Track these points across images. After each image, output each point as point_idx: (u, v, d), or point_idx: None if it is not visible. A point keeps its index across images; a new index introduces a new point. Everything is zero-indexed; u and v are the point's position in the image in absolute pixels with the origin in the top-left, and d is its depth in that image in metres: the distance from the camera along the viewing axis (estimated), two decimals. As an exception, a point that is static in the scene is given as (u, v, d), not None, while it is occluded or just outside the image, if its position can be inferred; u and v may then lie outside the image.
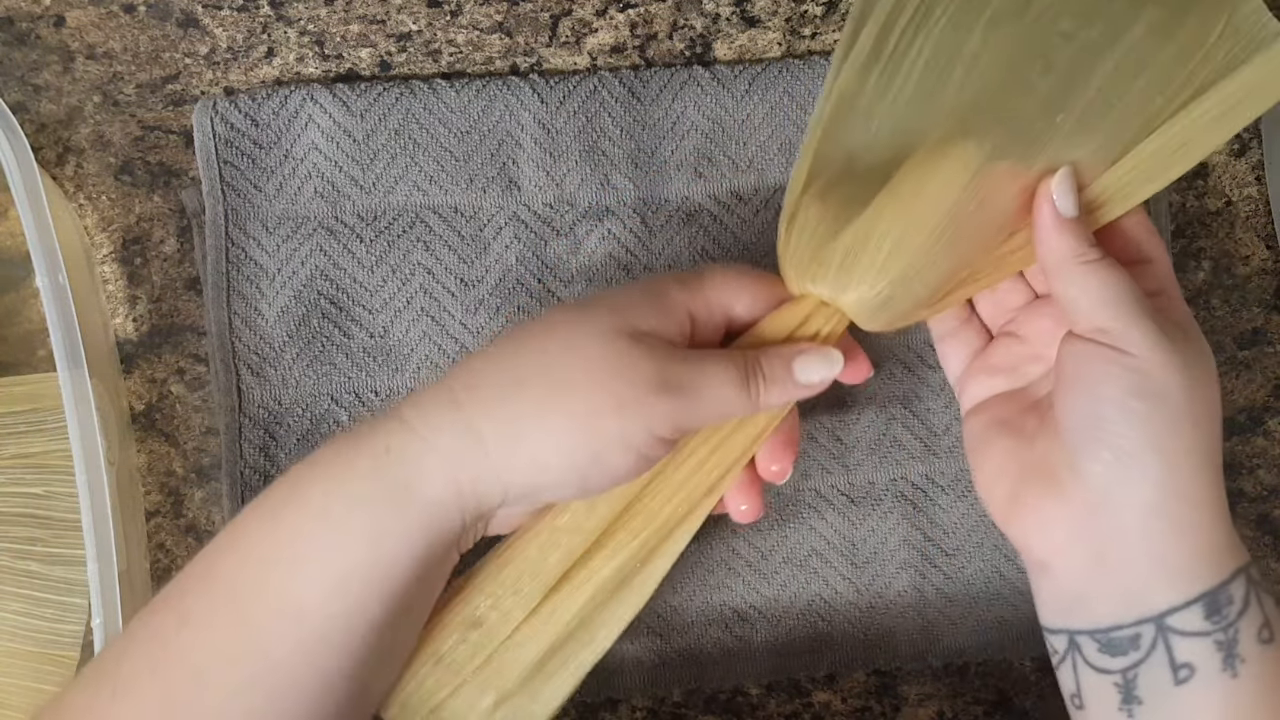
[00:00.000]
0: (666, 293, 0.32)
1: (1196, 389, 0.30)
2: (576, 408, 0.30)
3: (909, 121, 0.34)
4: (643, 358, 0.30)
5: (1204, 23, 0.34)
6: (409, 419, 0.30)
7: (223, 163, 0.41)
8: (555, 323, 0.32)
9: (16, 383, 0.41)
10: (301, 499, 0.30)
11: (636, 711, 0.43)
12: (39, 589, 0.40)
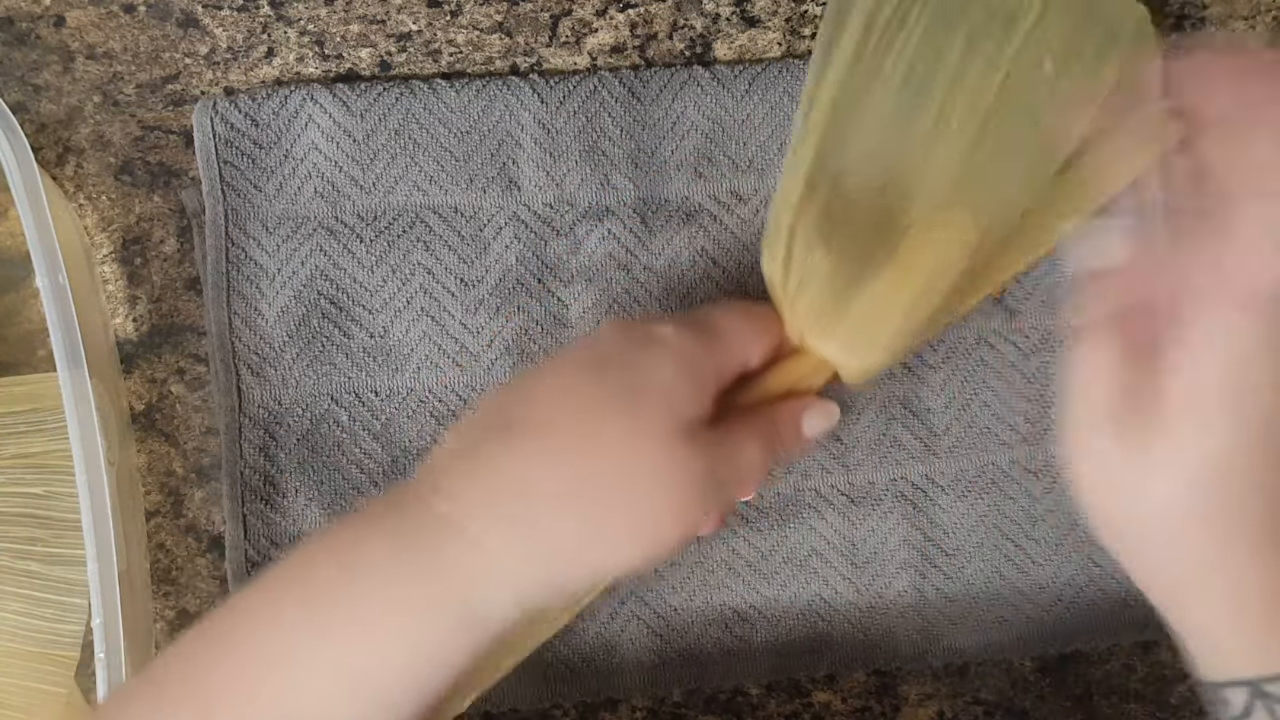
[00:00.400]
0: (701, 369, 0.31)
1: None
2: (642, 520, 0.30)
3: (897, 136, 0.34)
4: (697, 457, 0.30)
5: None
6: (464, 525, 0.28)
7: (223, 163, 0.41)
8: (610, 413, 0.30)
9: (16, 383, 0.41)
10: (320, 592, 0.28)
11: (636, 711, 0.43)
12: (39, 589, 0.40)
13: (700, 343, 0.32)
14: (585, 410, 0.30)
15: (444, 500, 0.29)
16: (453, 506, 0.28)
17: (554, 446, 0.29)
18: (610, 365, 0.31)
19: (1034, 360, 0.43)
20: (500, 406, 0.31)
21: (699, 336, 0.32)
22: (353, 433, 0.41)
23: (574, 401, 0.30)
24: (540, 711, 0.43)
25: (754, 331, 0.34)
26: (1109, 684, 0.45)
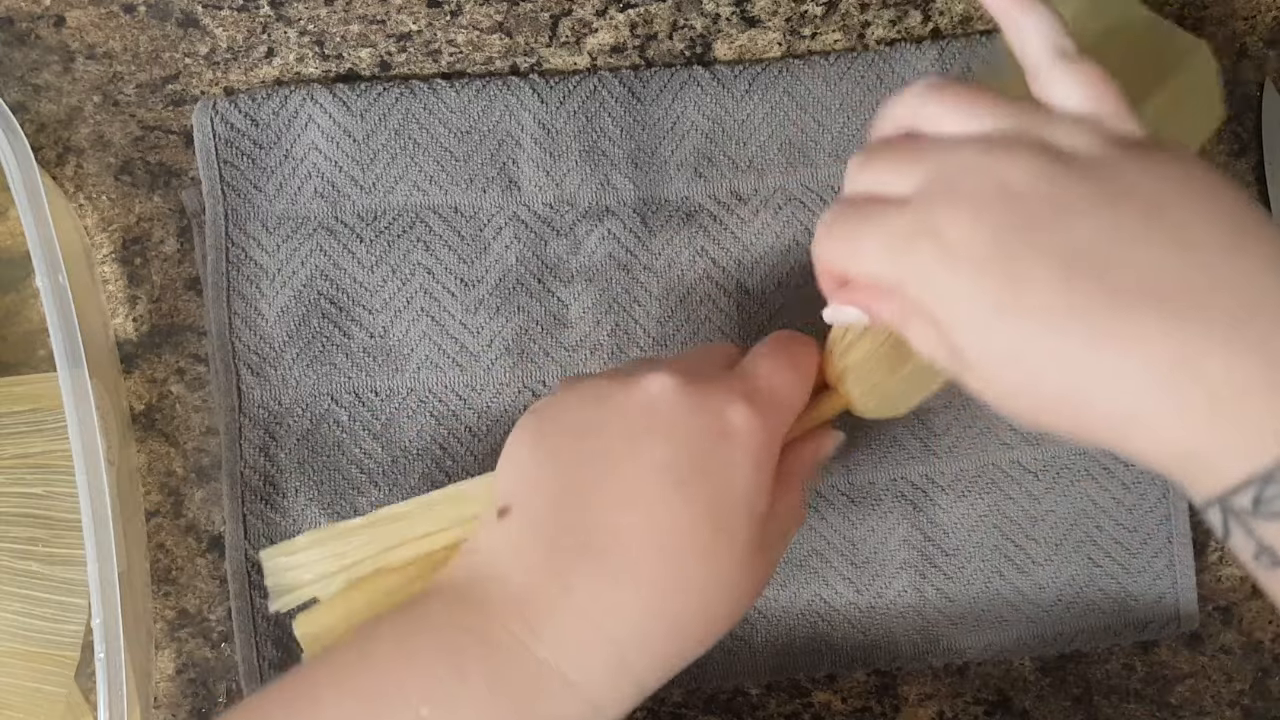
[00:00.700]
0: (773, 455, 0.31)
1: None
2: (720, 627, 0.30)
3: None
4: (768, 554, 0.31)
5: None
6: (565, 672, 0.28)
7: (223, 163, 0.41)
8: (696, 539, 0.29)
9: (16, 383, 0.41)
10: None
11: (637, 711, 0.43)
12: (39, 589, 0.40)
13: (769, 424, 0.30)
14: (671, 537, 0.29)
15: (544, 645, 0.28)
16: (553, 653, 0.28)
17: (644, 580, 0.29)
18: (691, 477, 0.29)
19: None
20: (574, 507, 0.29)
21: (767, 416, 0.30)
22: (353, 433, 0.41)
23: (660, 525, 0.29)
24: (540, 711, 0.43)
25: (806, 382, 0.33)
26: (1109, 684, 0.45)
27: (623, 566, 0.29)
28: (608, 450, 0.30)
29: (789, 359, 0.32)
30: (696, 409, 0.30)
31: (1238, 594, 0.45)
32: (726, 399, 0.30)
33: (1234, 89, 0.45)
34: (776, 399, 0.31)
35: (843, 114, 0.42)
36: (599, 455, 0.30)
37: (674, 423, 0.30)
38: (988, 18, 0.43)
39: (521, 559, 0.29)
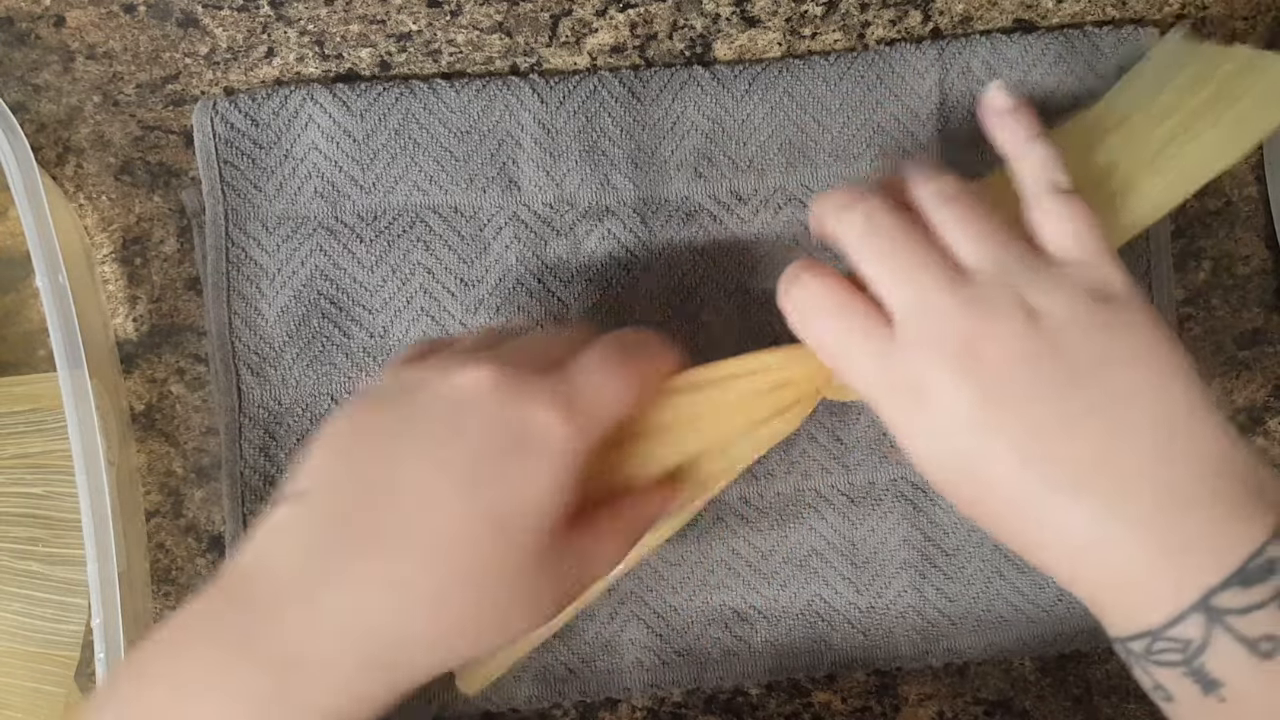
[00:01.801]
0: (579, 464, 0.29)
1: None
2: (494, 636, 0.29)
3: None
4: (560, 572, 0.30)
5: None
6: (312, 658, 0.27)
7: (223, 163, 0.41)
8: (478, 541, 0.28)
9: (16, 383, 0.41)
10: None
11: (636, 711, 0.43)
12: (39, 589, 0.40)
13: (579, 432, 0.29)
14: (448, 538, 0.28)
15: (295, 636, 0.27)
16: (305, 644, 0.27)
17: (411, 579, 0.28)
18: (481, 476, 0.28)
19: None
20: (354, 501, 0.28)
21: (579, 423, 0.29)
22: (353, 433, 0.41)
23: (437, 524, 0.28)
24: (540, 711, 0.43)
25: (633, 389, 0.31)
26: (1109, 684, 0.45)
27: (392, 563, 0.28)
28: (401, 443, 0.29)
29: (619, 363, 0.31)
30: (503, 407, 0.29)
31: (1238, 594, 0.45)
32: (538, 400, 0.29)
33: (1234, 89, 0.45)
34: (594, 406, 0.30)
35: (843, 114, 0.42)
36: (392, 447, 0.29)
37: (476, 419, 0.29)
38: (988, 18, 0.43)
39: (291, 549, 0.28)
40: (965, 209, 0.31)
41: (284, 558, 0.28)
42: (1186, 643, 0.27)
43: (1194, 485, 0.27)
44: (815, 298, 0.32)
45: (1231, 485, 0.27)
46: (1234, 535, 0.27)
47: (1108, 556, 0.28)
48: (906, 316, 0.30)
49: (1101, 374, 0.28)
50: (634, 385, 0.31)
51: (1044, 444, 0.28)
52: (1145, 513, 0.27)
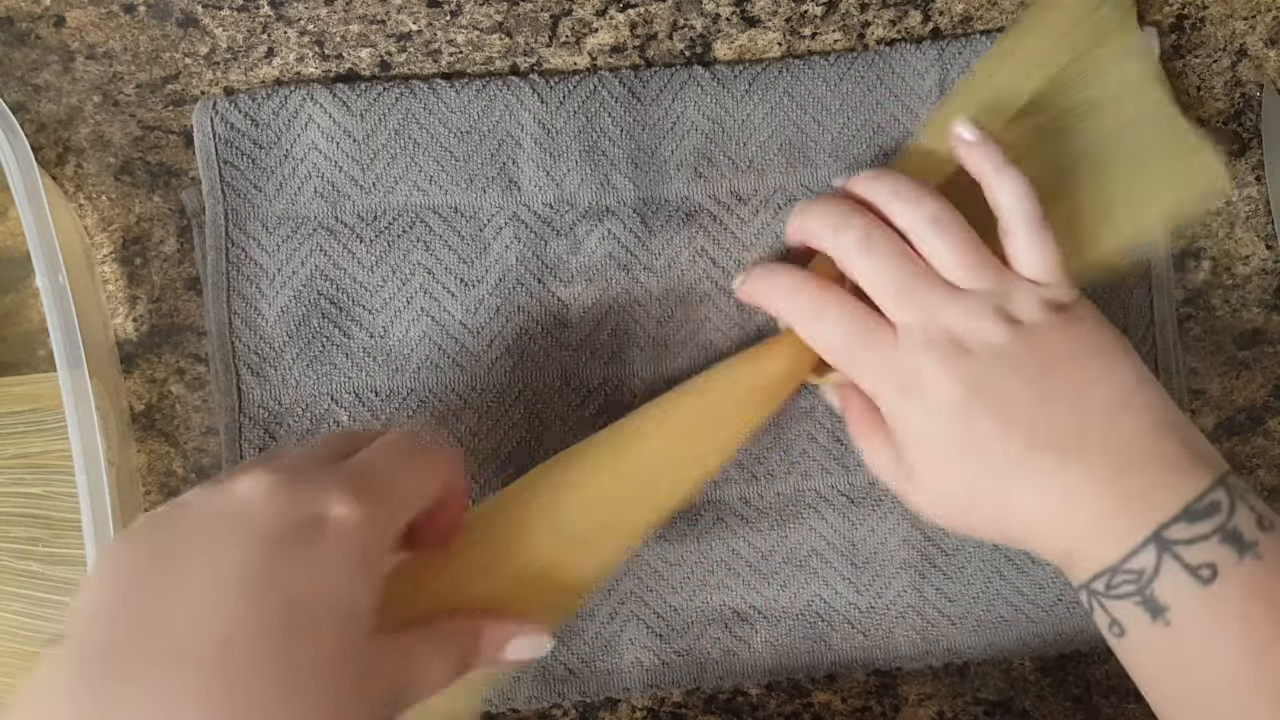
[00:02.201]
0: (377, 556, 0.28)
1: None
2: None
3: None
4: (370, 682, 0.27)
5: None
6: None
7: (223, 163, 0.41)
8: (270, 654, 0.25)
9: (16, 383, 0.41)
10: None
11: (636, 711, 0.43)
12: (39, 589, 0.40)
13: (373, 517, 0.28)
14: (233, 651, 0.25)
15: None
16: None
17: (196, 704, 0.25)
18: (265, 578, 0.26)
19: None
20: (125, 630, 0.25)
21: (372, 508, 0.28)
22: (353, 433, 0.41)
23: (218, 640, 0.25)
24: (540, 711, 0.43)
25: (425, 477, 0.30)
26: (1109, 684, 0.45)
27: (174, 691, 0.25)
28: (176, 561, 0.27)
29: (408, 453, 0.30)
30: (286, 504, 0.27)
31: (1238, 594, 0.45)
32: (323, 491, 0.27)
33: (1234, 89, 0.45)
34: (386, 492, 0.29)
35: (843, 114, 0.42)
36: (166, 567, 0.26)
37: (254, 522, 0.27)
38: (988, 18, 0.43)
39: (60, 697, 0.25)
40: (955, 239, 0.35)
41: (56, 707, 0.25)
42: (1140, 573, 0.32)
43: (1145, 444, 0.33)
44: (823, 307, 0.36)
45: (1176, 446, 0.33)
46: (1180, 482, 0.32)
47: (1076, 505, 0.33)
48: (910, 327, 0.35)
49: (1068, 365, 0.34)
50: (422, 472, 0.30)
51: (1022, 415, 0.33)
52: (1106, 467, 0.33)
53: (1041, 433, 0.33)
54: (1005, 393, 0.34)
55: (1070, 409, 0.33)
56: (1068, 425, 0.33)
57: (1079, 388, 0.34)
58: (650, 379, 0.42)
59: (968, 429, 0.34)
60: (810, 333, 0.37)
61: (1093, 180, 0.41)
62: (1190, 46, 0.44)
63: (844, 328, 0.36)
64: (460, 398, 0.41)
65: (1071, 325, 0.35)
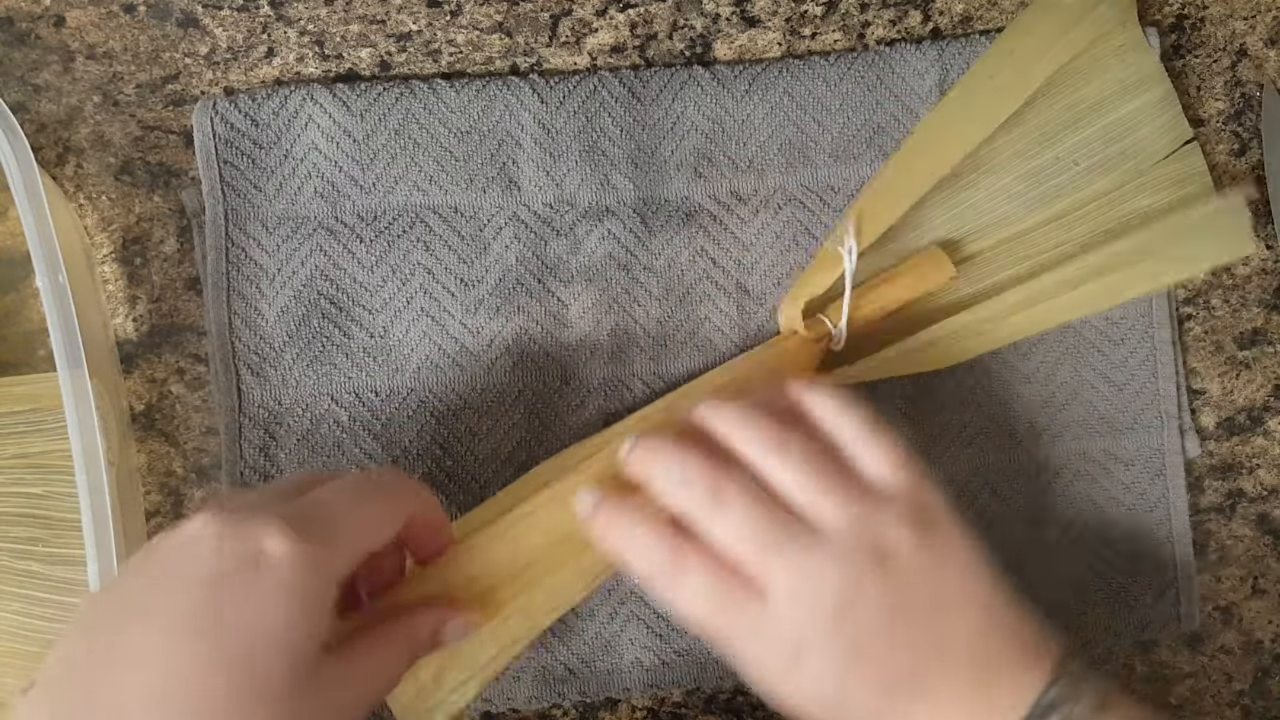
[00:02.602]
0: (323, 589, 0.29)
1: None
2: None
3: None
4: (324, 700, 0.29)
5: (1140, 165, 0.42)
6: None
7: (223, 163, 0.41)
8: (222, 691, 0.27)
9: (16, 383, 0.41)
10: None
11: (636, 711, 0.43)
12: (39, 589, 0.40)
13: (316, 551, 0.28)
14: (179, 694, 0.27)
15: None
16: None
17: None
18: (208, 616, 0.27)
19: (1032, 360, 0.43)
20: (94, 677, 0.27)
21: (315, 543, 0.28)
22: (353, 433, 0.41)
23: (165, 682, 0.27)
24: (540, 711, 0.43)
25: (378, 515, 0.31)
26: (1109, 684, 0.45)
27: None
28: (131, 604, 0.28)
29: (360, 493, 0.31)
30: (228, 541, 0.28)
31: (1238, 594, 0.45)
32: (264, 527, 0.28)
33: (1234, 89, 0.45)
34: (332, 527, 0.29)
35: (843, 114, 0.43)
36: (124, 611, 0.28)
37: (198, 562, 0.28)
38: (988, 18, 0.43)
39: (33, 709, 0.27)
40: (803, 465, 0.33)
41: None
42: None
43: (997, 658, 0.32)
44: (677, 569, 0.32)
45: (1020, 648, 0.33)
46: (1024, 686, 0.32)
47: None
48: (780, 587, 0.32)
49: (935, 596, 0.32)
50: (380, 511, 0.31)
51: (896, 674, 0.32)
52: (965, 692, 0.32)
53: (911, 680, 0.32)
54: (886, 657, 0.32)
55: (941, 656, 0.32)
56: (934, 665, 0.32)
57: (947, 625, 0.32)
58: (650, 379, 0.42)
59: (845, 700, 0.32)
60: (667, 598, 0.33)
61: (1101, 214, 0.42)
62: (1190, 46, 0.44)
63: (708, 595, 0.32)
64: (460, 398, 0.41)
65: (940, 557, 0.33)
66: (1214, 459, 0.45)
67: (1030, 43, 0.41)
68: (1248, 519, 0.45)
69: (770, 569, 0.32)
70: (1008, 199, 0.43)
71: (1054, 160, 0.43)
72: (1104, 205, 0.43)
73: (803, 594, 0.31)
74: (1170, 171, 0.43)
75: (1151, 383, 0.44)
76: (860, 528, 0.32)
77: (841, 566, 0.32)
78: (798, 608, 0.31)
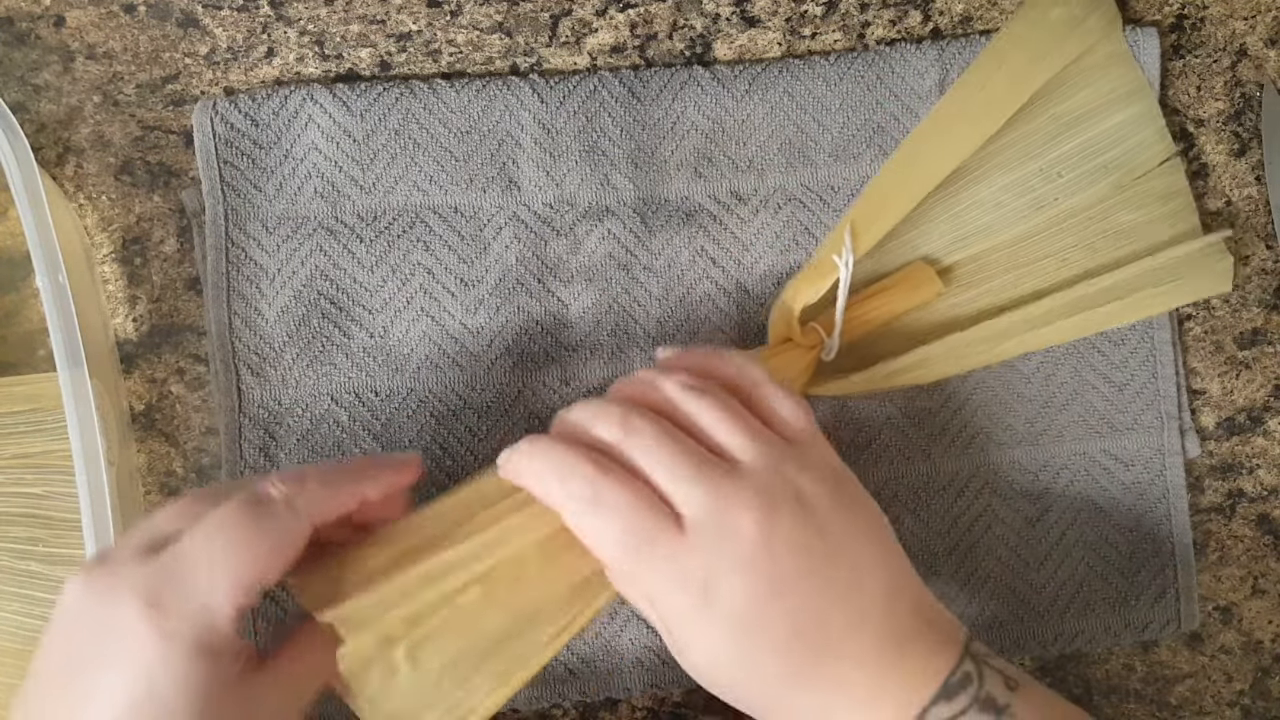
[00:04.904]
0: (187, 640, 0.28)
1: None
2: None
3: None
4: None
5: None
6: None
7: (223, 163, 0.41)
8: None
9: (16, 383, 0.41)
10: None
11: (636, 711, 0.43)
12: (39, 589, 0.40)
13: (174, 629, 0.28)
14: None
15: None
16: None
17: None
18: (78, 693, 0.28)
19: (1032, 360, 0.43)
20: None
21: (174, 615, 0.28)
22: (353, 433, 0.41)
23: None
24: (540, 712, 0.43)
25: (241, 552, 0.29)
26: (1109, 684, 0.45)
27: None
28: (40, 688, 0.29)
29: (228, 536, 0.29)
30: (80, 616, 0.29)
31: (1238, 594, 0.45)
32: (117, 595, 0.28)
33: (1234, 89, 0.45)
34: (192, 588, 0.28)
35: (843, 114, 0.43)
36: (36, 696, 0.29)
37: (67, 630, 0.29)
38: (988, 18, 0.43)
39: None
40: (717, 405, 0.33)
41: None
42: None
43: (907, 629, 0.32)
44: (595, 490, 0.31)
45: (927, 623, 0.32)
46: (935, 661, 0.32)
47: (851, 696, 0.31)
48: (699, 515, 0.31)
49: (849, 549, 0.32)
50: (248, 553, 0.29)
51: (807, 627, 0.31)
52: (875, 659, 0.31)
53: (822, 640, 0.31)
54: (800, 594, 0.31)
55: (852, 608, 0.31)
56: (847, 625, 0.31)
57: (859, 580, 0.32)
58: (650, 379, 0.42)
59: (757, 642, 0.31)
60: (583, 525, 0.32)
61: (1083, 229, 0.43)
62: (1190, 46, 0.45)
63: (622, 518, 0.31)
64: (460, 398, 0.41)
65: (849, 501, 0.33)
66: (1214, 459, 0.45)
67: (1022, 54, 0.41)
68: (1248, 519, 0.45)
69: (688, 498, 0.31)
70: (992, 209, 0.43)
71: (1038, 172, 0.43)
72: (1087, 219, 0.43)
73: (719, 521, 0.31)
74: (1153, 186, 0.43)
75: (1151, 383, 0.44)
76: (779, 466, 0.32)
77: (760, 498, 0.31)
78: (713, 535, 0.31)
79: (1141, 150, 0.43)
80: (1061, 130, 0.43)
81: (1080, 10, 0.42)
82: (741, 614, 0.31)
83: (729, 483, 0.31)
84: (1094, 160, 0.43)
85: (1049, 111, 0.43)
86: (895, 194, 0.41)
